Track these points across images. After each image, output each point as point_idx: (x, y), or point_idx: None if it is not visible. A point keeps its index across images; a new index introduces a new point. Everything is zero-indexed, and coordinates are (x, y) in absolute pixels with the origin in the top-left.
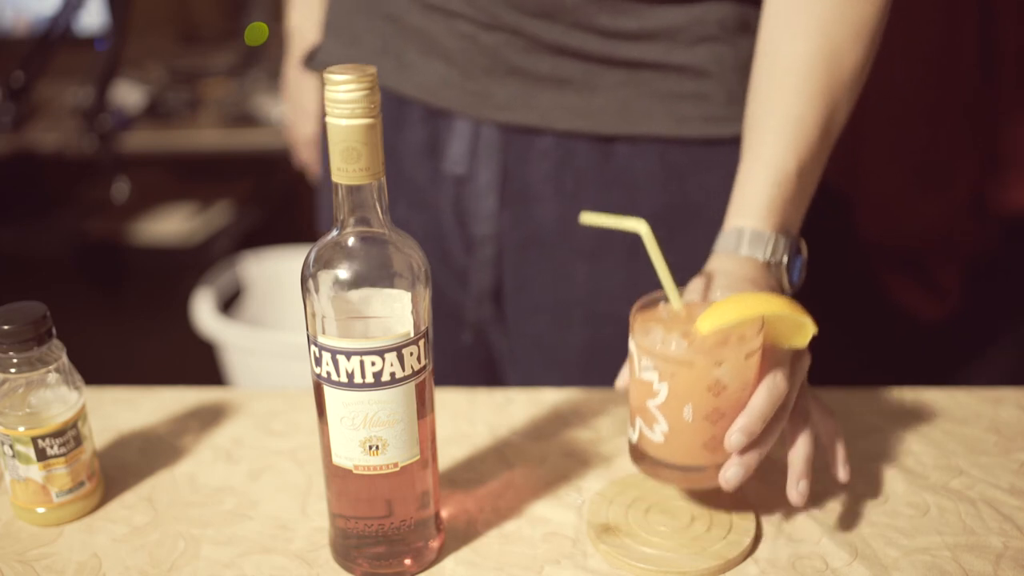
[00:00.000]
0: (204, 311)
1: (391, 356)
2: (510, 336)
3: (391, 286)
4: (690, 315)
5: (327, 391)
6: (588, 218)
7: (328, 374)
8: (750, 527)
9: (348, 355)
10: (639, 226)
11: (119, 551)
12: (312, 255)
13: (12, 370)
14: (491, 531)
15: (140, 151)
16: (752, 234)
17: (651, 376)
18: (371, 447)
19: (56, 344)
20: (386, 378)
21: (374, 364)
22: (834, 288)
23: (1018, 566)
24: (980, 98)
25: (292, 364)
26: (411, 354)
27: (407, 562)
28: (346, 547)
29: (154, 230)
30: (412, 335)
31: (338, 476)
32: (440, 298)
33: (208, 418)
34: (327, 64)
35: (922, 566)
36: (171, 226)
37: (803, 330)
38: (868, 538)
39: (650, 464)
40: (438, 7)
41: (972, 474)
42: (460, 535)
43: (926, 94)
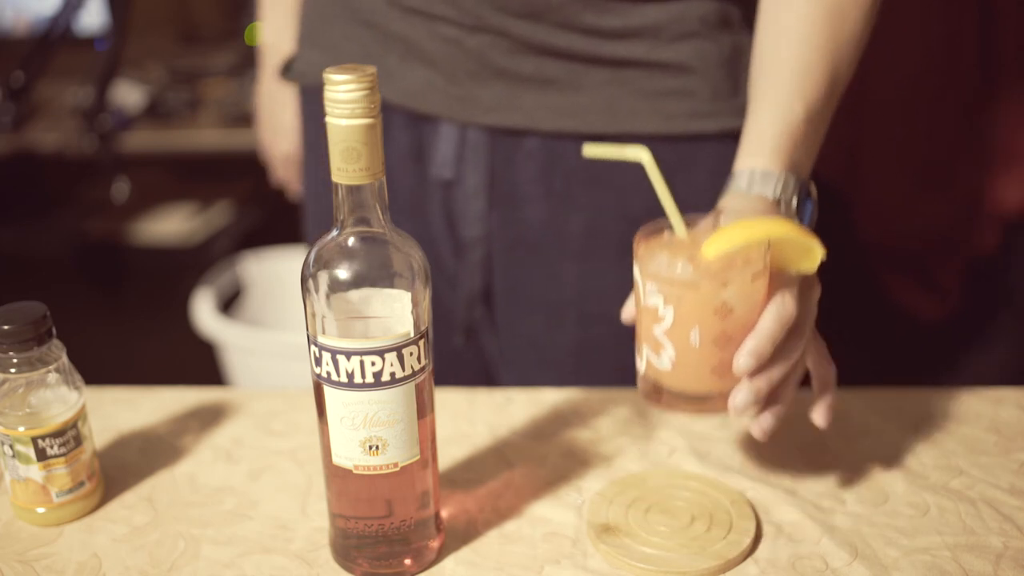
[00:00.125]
0: (204, 311)
1: (391, 356)
2: (502, 337)
3: (391, 286)
4: (695, 241)
5: (327, 391)
6: (590, 150)
7: (328, 374)
8: (750, 527)
9: (348, 355)
10: (641, 154)
11: (119, 551)
12: (312, 255)
13: (12, 370)
14: (491, 531)
15: (140, 151)
16: (761, 174)
17: (656, 301)
18: (371, 447)
19: (56, 344)
20: (386, 378)
21: (374, 364)
22: (834, 288)
23: (1018, 566)
24: (980, 98)
25: (292, 364)
26: (411, 354)
27: (407, 562)
28: (346, 547)
29: (154, 230)
30: (412, 335)
31: (338, 476)
32: (431, 301)
33: (208, 418)
34: (305, 73)
35: (922, 566)
36: (171, 226)
37: (811, 254)
38: (868, 538)
39: (658, 393)
40: (420, 11)
41: (972, 474)
42: (460, 535)
43: (926, 94)
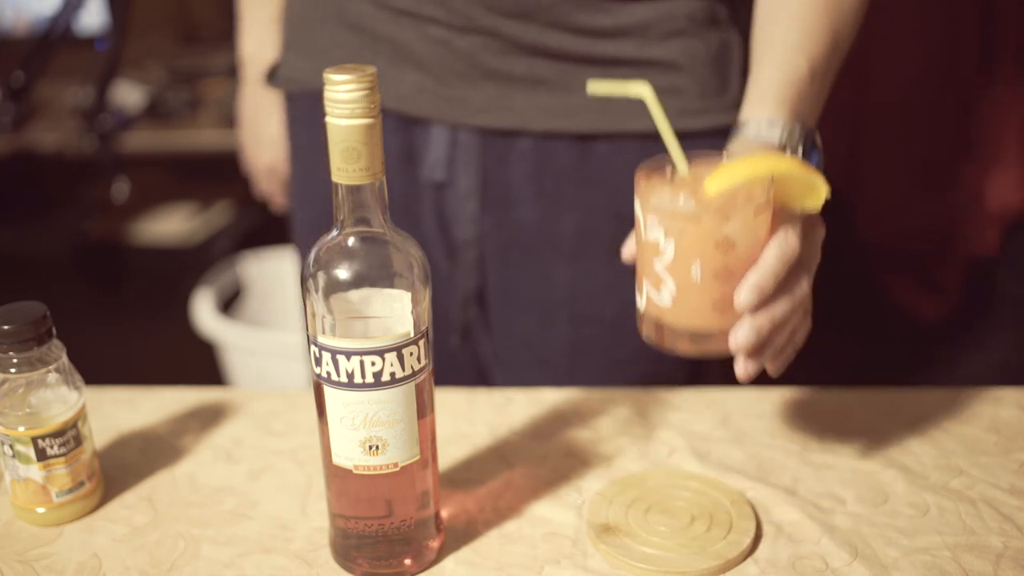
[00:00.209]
0: (204, 311)
1: (391, 356)
2: (496, 338)
3: (391, 286)
4: (697, 178)
5: (327, 391)
6: (594, 87)
7: (328, 374)
8: (750, 527)
9: (348, 355)
10: (643, 89)
11: (119, 551)
12: (312, 255)
13: (12, 370)
14: (491, 531)
15: (140, 151)
16: (767, 121)
17: (657, 235)
18: (371, 447)
19: (56, 344)
20: (386, 378)
21: (374, 364)
22: (834, 288)
23: (1018, 566)
24: (980, 99)
25: (292, 364)
26: (411, 354)
27: (407, 562)
28: (346, 547)
29: (154, 230)
30: (412, 335)
31: (338, 476)
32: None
33: (208, 418)
34: (292, 80)
35: (922, 566)
36: (171, 226)
37: (815, 191)
38: (868, 538)
39: (660, 331)
40: (410, 12)
41: (972, 474)
42: (460, 535)
43: (926, 95)
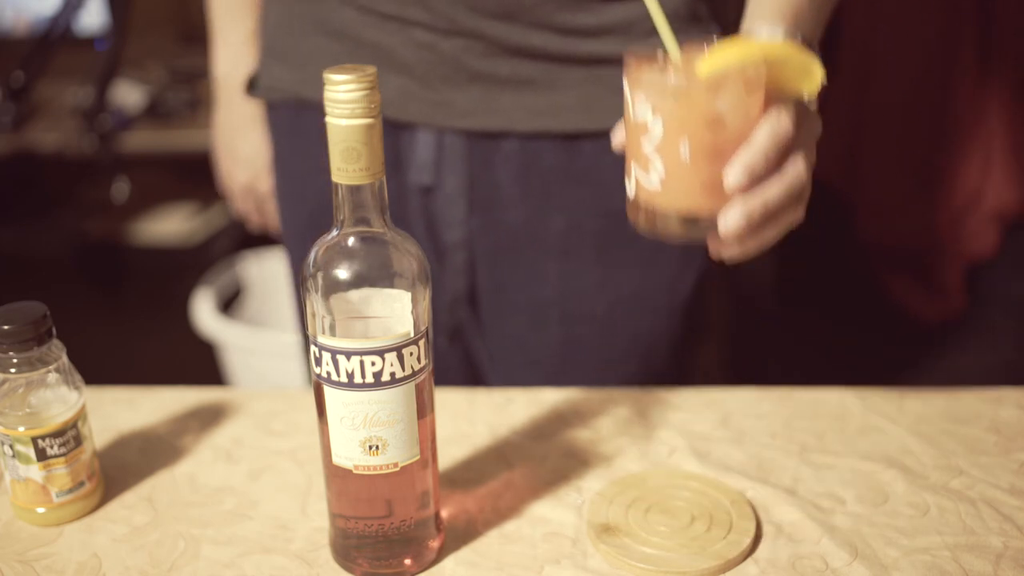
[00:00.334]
0: (204, 311)
1: (391, 356)
2: (487, 337)
3: (391, 286)
4: (688, 61)
5: (327, 391)
6: None
7: (328, 374)
8: (750, 527)
9: (348, 355)
10: None
11: (119, 551)
12: (312, 255)
13: (12, 370)
14: (491, 531)
15: (140, 151)
16: (768, 28)
17: (645, 114)
18: (371, 447)
19: (56, 344)
20: (386, 378)
21: (374, 364)
22: (834, 288)
23: (1018, 566)
24: (980, 98)
25: (292, 364)
26: (411, 354)
27: (407, 562)
28: (346, 547)
29: (154, 230)
30: (412, 335)
31: (338, 476)
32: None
33: (208, 418)
34: (273, 88)
35: (922, 566)
36: (171, 226)
37: (810, 75)
38: (868, 538)
39: (650, 216)
40: (394, 16)
41: (972, 474)
42: (460, 535)
43: (926, 95)
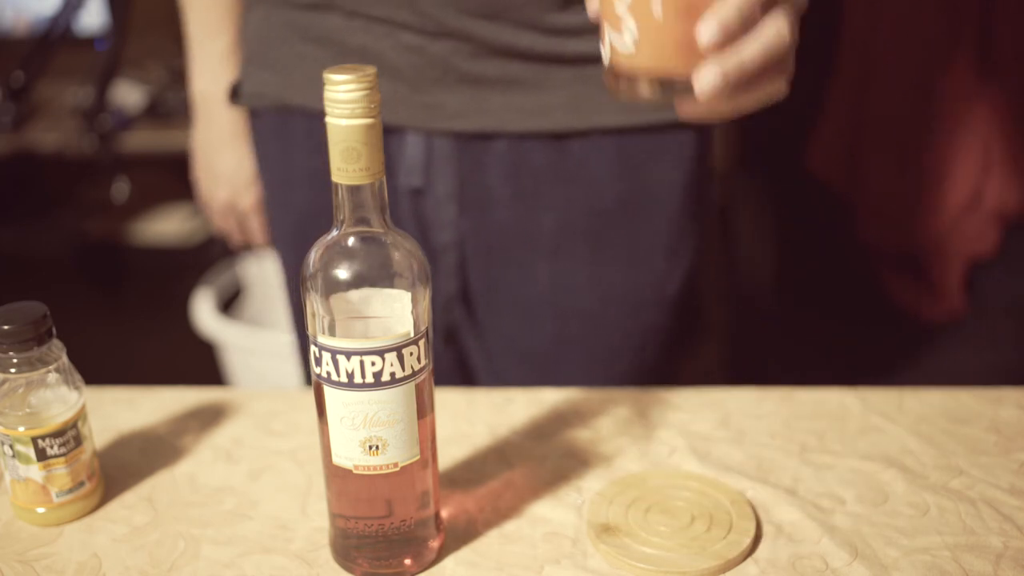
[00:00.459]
0: (204, 311)
1: (391, 356)
2: (481, 336)
3: (391, 286)
4: None
5: (327, 391)
6: None
7: (328, 374)
8: (750, 527)
9: (348, 355)
10: None
11: (119, 551)
12: (312, 255)
13: (12, 370)
14: (491, 531)
15: (140, 151)
16: None
17: None
18: (371, 447)
19: (56, 344)
20: (386, 378)
21: (374, 364)
22: (834, 288)
23: (1018, 566)
24: (980, 99)
25: (292, 364)
26: (411, 354)
27: (407, 562)
28: (346, 547)
29: (154, 230)
30: (412, 335)
31: (338, 476)
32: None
33: (208, 418)
34: (257, 95)
35: (922, 566)
36: (171, 226)
37: None
38: (868, 538)
39: (623, 80)
40: (382, 20)
41: (972, 474)
42: (460, 535)
43: (926, 95)
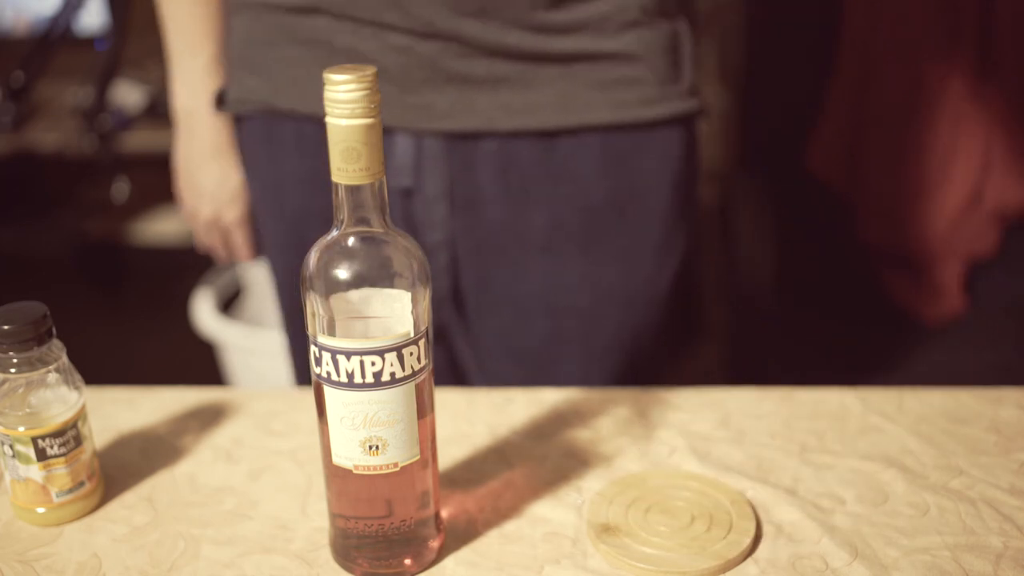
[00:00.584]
0: (204, 311)
1: (391, 356)
2: (473, 334)
3: (391, 286)
4: None
5: (327, 391)
6: None
7: (328, 374)
8: (750, 527)
9: (348, 355)
10: None
11: (119, 551)
12: (312, 255)
13: (12, 370)
14: (491, 531)
15: (140, 151)
16: None
17: None
18: (371, 447)
19: (56, 344)
20: (386, 378)
21: (374, 364)
22: (834, 288)
23: (1018, 566)
24: (979, 99)
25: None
26: (411, 354)
27: (407, 562)
28: (346, 547)
29: (154, 230)
30: (412, 335)
31: (338, 476)
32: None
33: (208, 418)
34: (245, 101)
35: (922, 566)
36: (171, 226)
37: None
38: (868, 538)
39: None
40: (370, 21)
41: (972, 474)
42: (460, 535)
43: (926, 94)
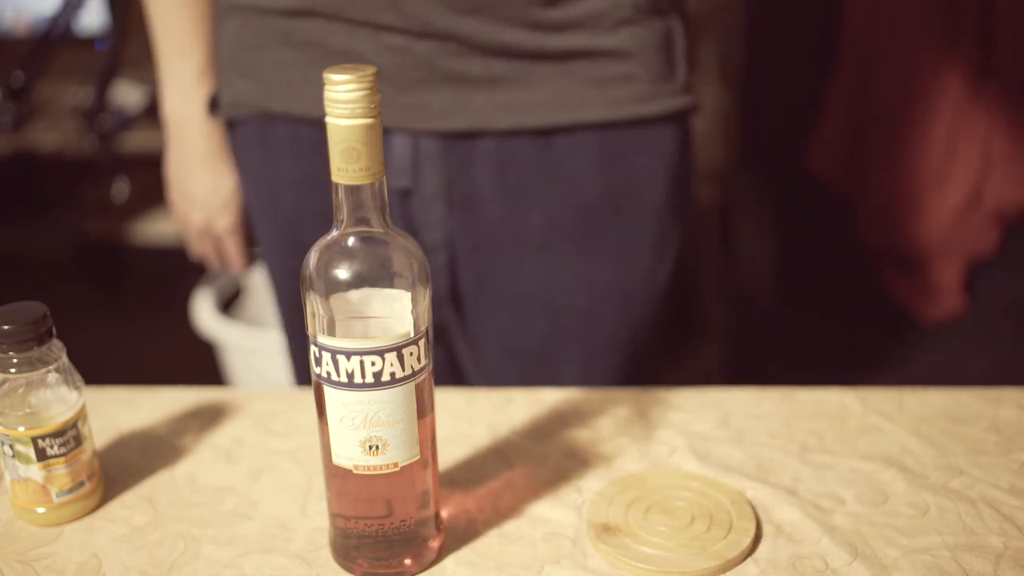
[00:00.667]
0: (204, 311)
1: (391, 356)
2: (471, 334)
3: (391, 286)
4: None
5: (327, 391)
6: None
7: (328, 374)
8: (750, 527)
9: (348, 355)
10: None
11: (119, 551)
12: (312, 255)
13: (12, 370)
14: (491, 531)
15: (140, 151)
16: None
17: None
18: (371, 447)
19: (56, 344)
20: (386, 378)
21: (374, 364)
22: (834, 288)
23: (1018, 566)
24: (980, 99)
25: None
26: (411, 354)
27: (407, 562)
28: (346, 547)
29: (154, 230)
30: (412, 335)
31: (338, 476)
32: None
33: (208, 418)
34: (237, 104)
35: (922, 566)
36: (171, 226)
37: None
38: (868, 538)
39: None
40: (365, 22)
41: (972, 474)
42: (460, 535)
43: (926, 95)
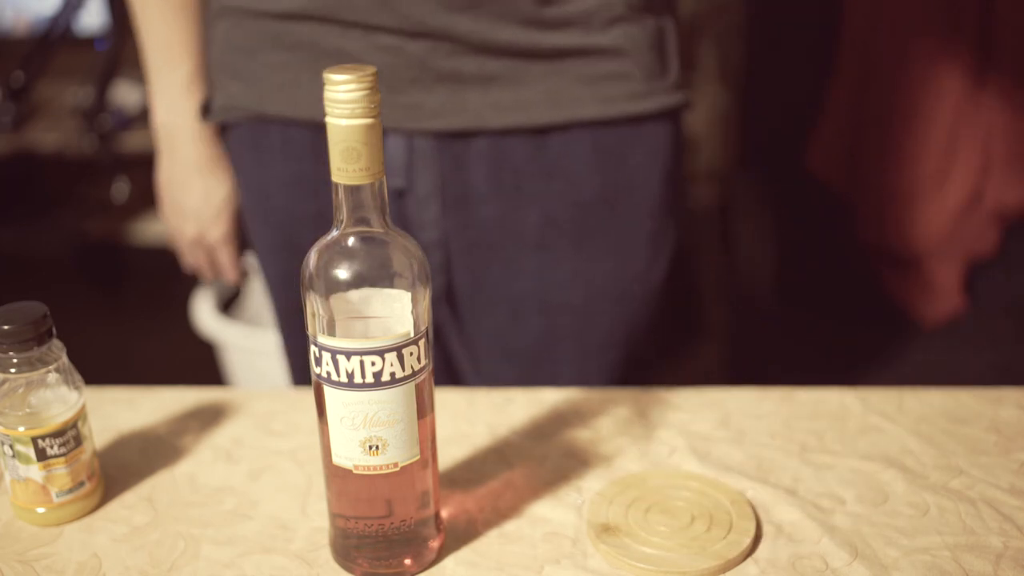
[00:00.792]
0: (204, 311)
1: (391, 356)
2: (466, 334)
3: (391, 286)
4: None
5: (327, 391)
6: None
7: (328, 374)
8: (750, 527)
9: (348, 355)
10: None
11: (119, 551)
12: (312, 255)
13: (12, 370)
14: (491, 531)
15: (140, 151)
16: None
17: None
18: (371, 447)
19: (56, 344)
20: (386, 378)
21: (374, 364)
22: (834, 288)
23: (1018, 566)
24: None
25: None
26: (411, 354)
27: (407, 562)
28: (346, 547)
29: (154, 230)
30: (412, 335)
31: (338, 476)
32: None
33: (208, 418)
34: (230, 108)
35: (922, 566)
36: None
37: None
38: (868, 538)
39: None
40: (357, 23)
41: (972, 474)
42: (460, 535)
43: (926, 94)
